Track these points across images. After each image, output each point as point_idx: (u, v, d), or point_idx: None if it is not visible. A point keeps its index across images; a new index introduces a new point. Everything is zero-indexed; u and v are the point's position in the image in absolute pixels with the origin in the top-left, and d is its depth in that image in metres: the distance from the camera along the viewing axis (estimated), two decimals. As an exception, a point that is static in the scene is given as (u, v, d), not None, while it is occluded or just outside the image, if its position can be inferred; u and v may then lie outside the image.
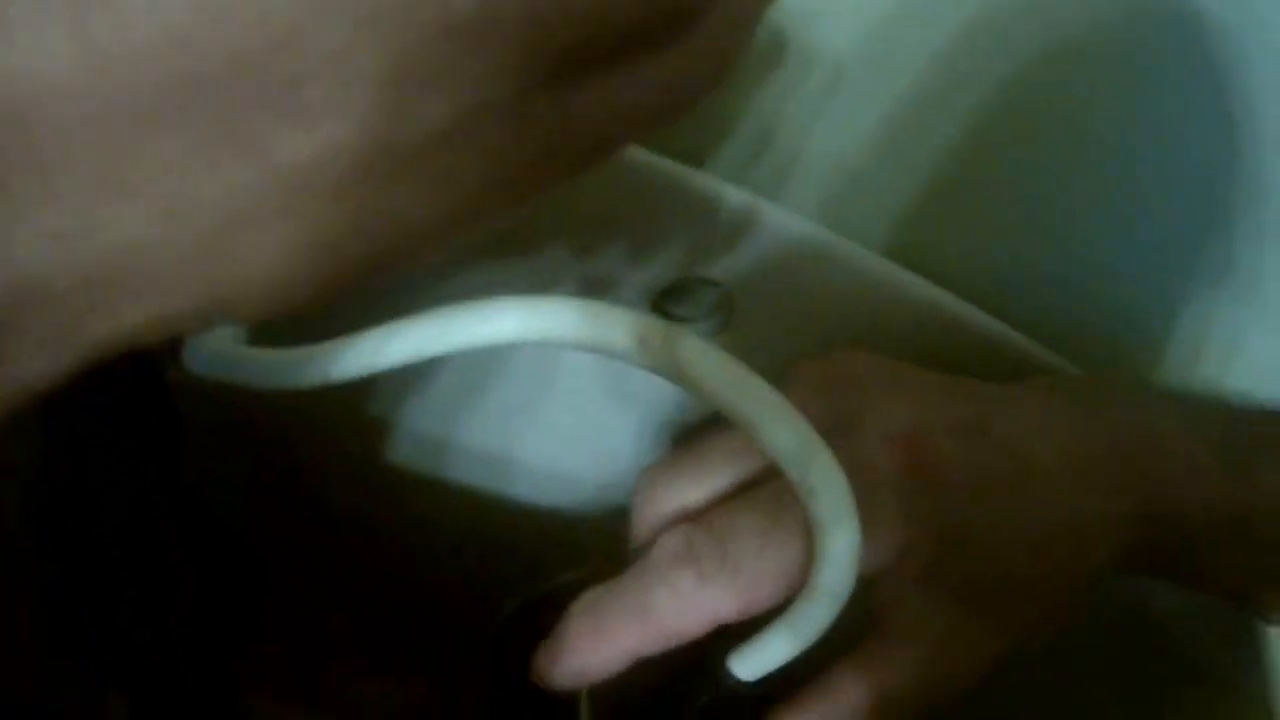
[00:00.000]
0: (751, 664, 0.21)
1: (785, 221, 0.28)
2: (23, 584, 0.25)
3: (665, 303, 0.30)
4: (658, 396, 0.32)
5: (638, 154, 0.28)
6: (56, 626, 0.26)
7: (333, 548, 0.36)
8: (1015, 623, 0.23)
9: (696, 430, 0.33)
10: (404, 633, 0.34)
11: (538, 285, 0.30)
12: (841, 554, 0.18)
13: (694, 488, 0.23)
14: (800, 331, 0.30)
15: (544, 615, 0.27)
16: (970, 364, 0.30)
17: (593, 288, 0.30)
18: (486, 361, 0.33)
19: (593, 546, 0.31)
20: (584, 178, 0.27)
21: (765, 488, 0.23)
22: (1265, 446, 0.27)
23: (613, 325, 0.16)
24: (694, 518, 0.23)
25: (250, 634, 0.33)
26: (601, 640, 0.22)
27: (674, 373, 0.16)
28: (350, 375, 0.20)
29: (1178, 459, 0.25)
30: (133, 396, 0.28)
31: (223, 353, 0.24)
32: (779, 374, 0.31)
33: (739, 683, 0.21)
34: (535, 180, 0.14)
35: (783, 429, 0.17)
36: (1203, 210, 0.29)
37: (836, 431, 0.23)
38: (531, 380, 0.33)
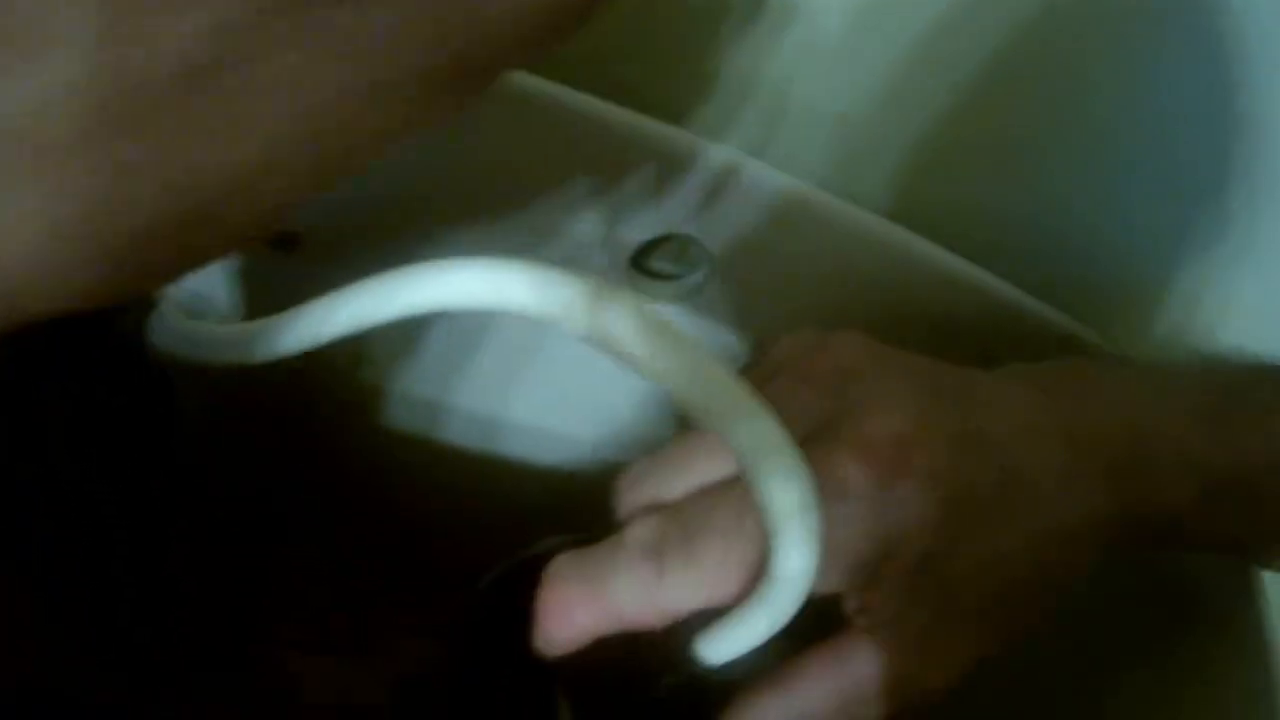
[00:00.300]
0: (717, 649, 0.20)
1: (770, 178, 0.27)
2: (21, 575, 0.25)
3: (645, 259, 0.29)
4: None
5: (615, 110, 0.26)
6: (56, 617, 0.26)
7: (332, 513, 0.35)
8: (997, 627, 0.23)
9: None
10: (403, 598, 0.34)
11: (521, 246, 0.29)
12: (798, 542, 0.17)
13: (676, 480, 0.23)
14: (787, 289, 0.29)
15: (527, 582, 0.26)
16: (964, 320, 0.29)
17: (576, 247, 0.29)
18: (478, 322, 0.32)
19: (589, 507, 0.31)
20: (559, 133, 0.26)
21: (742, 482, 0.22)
22: (1248, 406, 0.26)
23: (537, 288, 0.15)
24: (669, 509, 0.22)
25: (252, 606, 0.33)
26: (564, 616, 0.22)
27: (604, 342, 0.15)
28: (294, 349, 0.20)
29: (1166, 448, 0.24)
30: (120, 373, 0.27)
31: (179, 329, 0.23)
32: (766, 334, 0.30)
33: (706, 666, 0.21)
34: (373, 117, 0.11)
35: (726, 406, 0.16)
36: (1199, 165, 0.28)
37: (825, 428, 0.22)
38: (524, 340, 0.33)
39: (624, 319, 0.15)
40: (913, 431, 0.21)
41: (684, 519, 0.22)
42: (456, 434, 0.33)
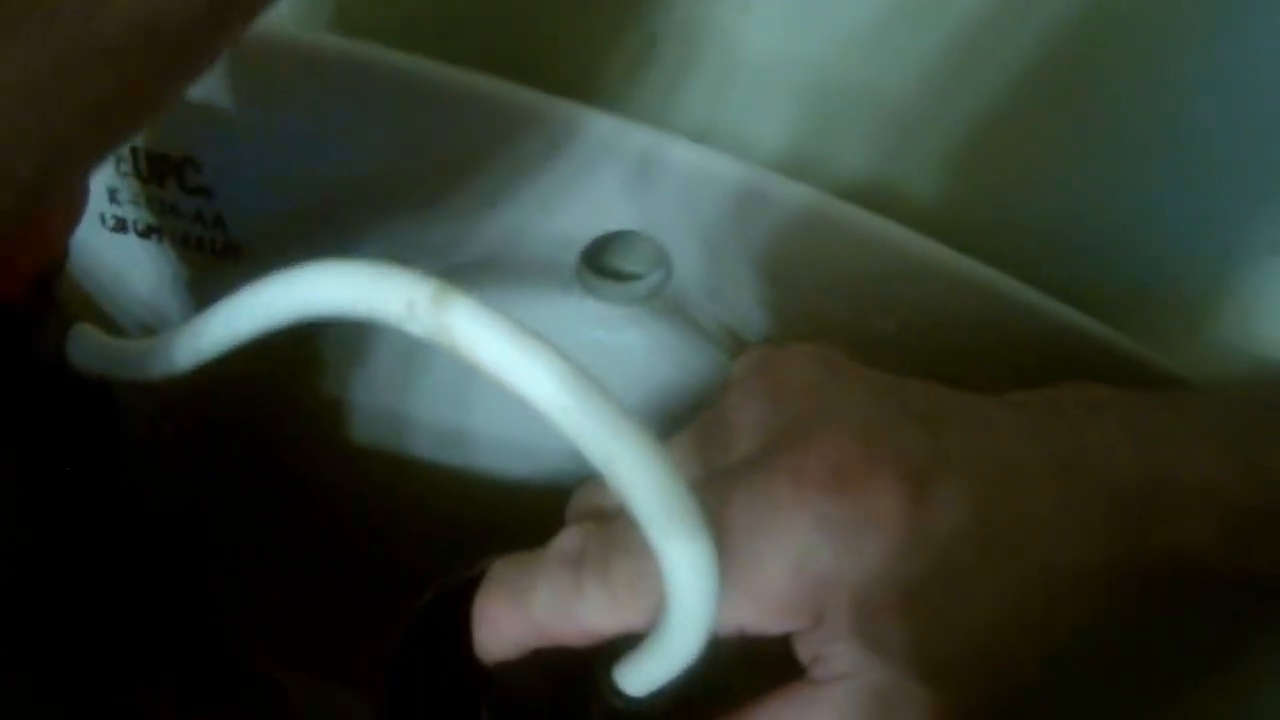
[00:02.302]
0: (631, 680, 0.19)
1: (716, 164, 0.25)
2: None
3: (600, 257, 0.28)
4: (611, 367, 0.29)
5: (553, 101, 0.25)
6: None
7: (303, 532, 0.35)
8: (979, 684, 0.20)
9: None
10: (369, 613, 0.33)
11: (450, 239, 0.27)
12: (684, 576, 0.15)
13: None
14: (762, 294, 0.27)
15: (468, 602, 0.25)
16: (983, 328, 0.26)
17: (507, 240, 0.27)
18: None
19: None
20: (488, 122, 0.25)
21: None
22: (1272, 431, 0.23)
23: (372, 288, 0.14)
24: (601, 520, 0.21)
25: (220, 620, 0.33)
26: (492, 625, 0.21)
27: (447, 342, 0.14)
28: (180, 367, 0.19)
29: (1181, 478, 0.22)
30: (56, 392, 0.27)
31: (95, 346, 0.23)
32: (737, 341, 0.28)
33: (630, 699, 0.19)
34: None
35: (593, 422, 0.14)
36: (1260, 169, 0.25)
37: (767, 448, 0.20)
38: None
39: (470, 320, 0.14)
40: (861, 456, 0.19)
41: (608, 534, 0.20)
42: (420, 445, 0.32)
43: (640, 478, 0.14)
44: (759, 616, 0.19)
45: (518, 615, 0.20)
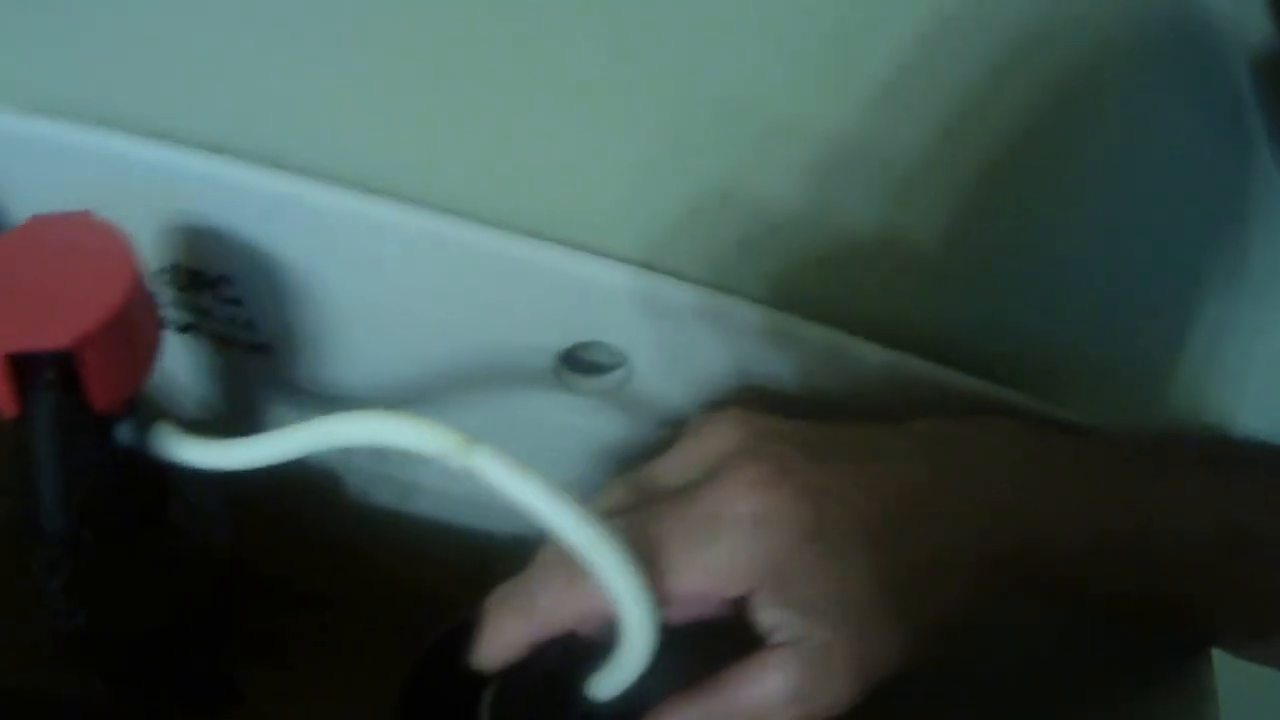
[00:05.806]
0: (604, 687, 0.25)
1: (668, 289, 0.31)
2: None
3: (571, 360, 0.34)
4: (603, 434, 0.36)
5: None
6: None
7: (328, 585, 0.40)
8: (876, 637, 0.27)
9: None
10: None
11: (461, 354, 0.34)
12: (634, 609, 0.22)
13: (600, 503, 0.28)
14: (704, 385, 0.34)
15: (463, 644, 0.31)
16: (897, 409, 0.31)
17: (507, 350, 0.34)
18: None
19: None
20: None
21: (633, 512, 0.27)
22: (1158, 469, 0.30)
23: (426, 437, 0.20)
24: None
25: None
26: (498, 629, 0.27)
27: (474, 471, 0.20)
28: (251, 465, 0.25)
29: (1051, 496, 0.29)
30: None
31: (171, 440, 0.28)
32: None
33: (598, 703, 0.26)
34: None
35: (560, 515, 0.21)
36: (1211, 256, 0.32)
37: (701, 479, 0.27)
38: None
39: (490, 459, 0.20)
40: (770, 473, 0.27)
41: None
42: (428, 508, 0.39)
43: (605, 556, 0.21)
44: (711, 584, 0.26)
45: (522, 619, 0.26)
